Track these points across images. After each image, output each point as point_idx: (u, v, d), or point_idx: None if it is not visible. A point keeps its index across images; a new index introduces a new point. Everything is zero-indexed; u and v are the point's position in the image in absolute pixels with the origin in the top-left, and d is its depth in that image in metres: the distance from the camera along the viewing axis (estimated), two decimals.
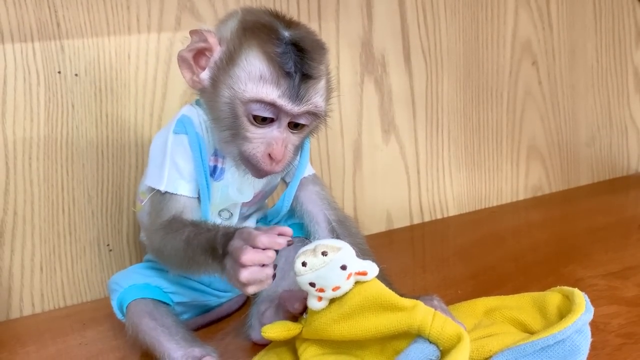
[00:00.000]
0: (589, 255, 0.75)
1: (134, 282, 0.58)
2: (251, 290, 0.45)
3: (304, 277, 0.47)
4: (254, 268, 0.44)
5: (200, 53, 0.54)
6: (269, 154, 0.52)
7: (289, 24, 0.52)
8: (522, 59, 0.99)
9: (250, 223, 0.62)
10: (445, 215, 0.97)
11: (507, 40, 0.97)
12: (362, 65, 0.87)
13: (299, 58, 0.50)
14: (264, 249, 0.45)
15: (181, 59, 0.54)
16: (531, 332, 0.50)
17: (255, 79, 0.50)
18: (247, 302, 0.67)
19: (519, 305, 0.54)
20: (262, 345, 0.57)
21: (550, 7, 0.99)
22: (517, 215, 0.97)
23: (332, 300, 0.48)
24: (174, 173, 0.55)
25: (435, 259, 0.82)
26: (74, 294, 0.74)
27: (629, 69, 1.08)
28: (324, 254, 0.46)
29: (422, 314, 0.45)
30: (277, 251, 0.46)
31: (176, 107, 0.76)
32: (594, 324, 0.49)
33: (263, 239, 0.45)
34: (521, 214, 0.97)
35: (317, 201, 0.60)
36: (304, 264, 0.47)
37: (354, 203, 0.90)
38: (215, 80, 0.53)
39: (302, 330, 0.50)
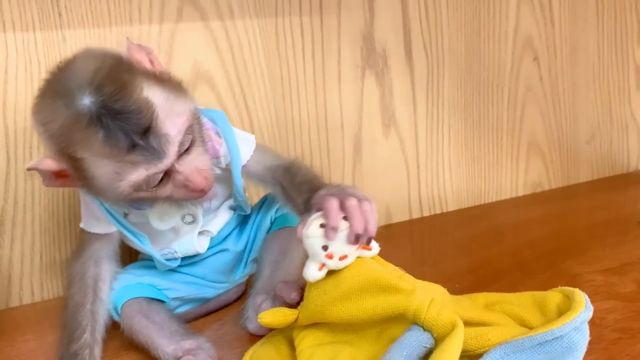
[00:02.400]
0: (586, 251, 0.75)
1: (127, 282, 0.59)
2: None
3: (319, 239, 0.46)
4: None
5: (56, 174, 0.49)
6: (192, 189, 0.49)
7: (78, 81, 0.44)
8: (523, 54, 0.99)
9: (224, 214, 0.62)
10: (445, 210, 0.97)
11: (509, 35, 0.97)
12: (363, 59, 0.87)
13: (120, 122, 0.44)
14: None
15: (51, 186, 0.50)
16: (530, 328, 0.51)
17: (116, 178, 0.46)
18: (245, 293, 0.68)
19: (519, 302, 0.54)
20: (259, 336, 0.57)
21: (552, 3, 0.99)
22: (516, 211, 0.97)
23: (327, 282, 0.48)
24: (88, 213, 0.57)
25: (433, 253, 0.82)
26: None
27: (630, 66, 1.08)
28: (345, 218, 0.46)
29: (420, 298, 0.46)
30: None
31: None
32: (590, 320, 0.50)
33: None
34: (520, 210, 0.97)
35: (264, 172, 0.59)
36: (322, 226, 0.46)
37: None
38: (92, 193, 0.50)
39: (298, 316, 0.51)
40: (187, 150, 0.49)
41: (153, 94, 0.46)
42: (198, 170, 0.49)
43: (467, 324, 0.47)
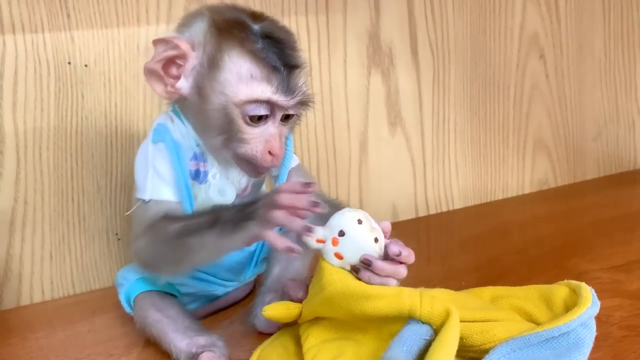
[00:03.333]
0: (593, 248, 0.75)
1: (141, 275, 0.59)
2: (282, 243, 0.44)
3: (348, 224, 0.48)
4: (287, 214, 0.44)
5: (169, 62, 0.52)
6: (269, 151, 0.52)
7: (255, 16, 0.52)
8: (529, 52, 0.98)
9: None
10: (451, 208, 0.97)
11: (515, 33, 0.97)
12: (369, 58, 0.87)
13: (279, 50, 0.50)
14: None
15: (149, 72, 0.52)
16: (536, 323, 0.51)
17: (246, 79, 0.50)
18: (253, 291, 0.68)
19: (526, 295, 0.54)
20: (267, 334, 0.58)
21: (558, 0, 0.99)
22: (522, 209, 0.97)
23: (318, 283, 0.49)
24: (156, 180, 0.54)
25: (439, 251, 0.82)
26: (83, 282, 0.75)
27: (637, 63, 1.08)
28: (375, 240, 0.48)
29: (410, 297, 0.46)
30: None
31: None
32: (596, 317, 0.50)
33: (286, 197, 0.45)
34: (526, 208, 0.98)
35: None
36: (359, 221, 0.48)
37: (360, 195, 0.90)
38: (200, 88, 0.51)
39: (302, 310, 0.51)
40: (287, 119, 0.54)
41: (304, 62, 0.53)
42: (282, 140, 0.53)
43: (473, 322, 0.47)
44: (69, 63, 0.71)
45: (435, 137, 0.94)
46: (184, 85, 0.52)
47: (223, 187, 0.57)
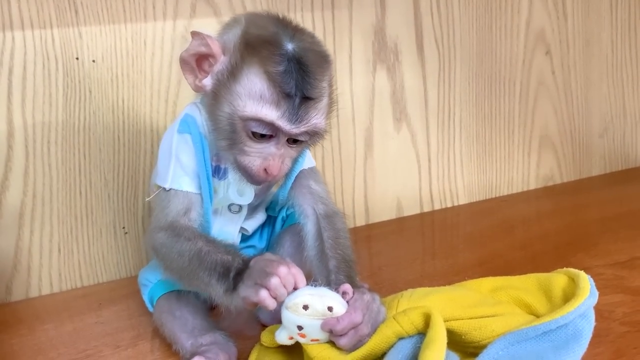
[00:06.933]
0: (597, 244, 0.75)
1: (162, 276, 0.60)
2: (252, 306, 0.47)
3: (298, 318, 0.47)
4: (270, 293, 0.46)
5: (203, 57, 0.53)
6: (265, 168, 0.52)
7: (294, 33, 0.51)
8: (535, 48, 0.98)
9: (260, 215, 0.64)
10: (456, 204, 0.98)
11: (521, 29, 0.97)
12: (375, 54, 0.88)
13: (300, 77, 0.49)
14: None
15: (183, 62, 0.53)
16: (536, 314, 0.51)
17: (255, 98, 0.50)
18: None
19: (525, 286, 0.54)
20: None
21: None
22: (527, 205, 0.97)
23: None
24: (178, 170, 0.55)
25: (444, 246, 0.82)
26: (90, 275, 0.76)
27: None
28: (330, 309, 0.47)
29: (389, 328, 0.47)
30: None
31: (191, 94, 0.77)
32: (598, 312, 0.50)
33: (283, 270, 0.46)
34: (532, 204, 0.98)
35: (307, 195, 0.60)
36: (305, 307, 0.46)
37: (365, 191, 0.91)
38: (216, 92, 0.52)
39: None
40: (295, 143, 0.53)
41: (326, 93, 0.53)
42: (284, 161, 0.53)
43: (471, 319, 0.48)
44: (77, 59, 0.72)
45: (440, 133, 0.94)
46: (209, 83, 0.53)
47: (242, 188, 0.57)
